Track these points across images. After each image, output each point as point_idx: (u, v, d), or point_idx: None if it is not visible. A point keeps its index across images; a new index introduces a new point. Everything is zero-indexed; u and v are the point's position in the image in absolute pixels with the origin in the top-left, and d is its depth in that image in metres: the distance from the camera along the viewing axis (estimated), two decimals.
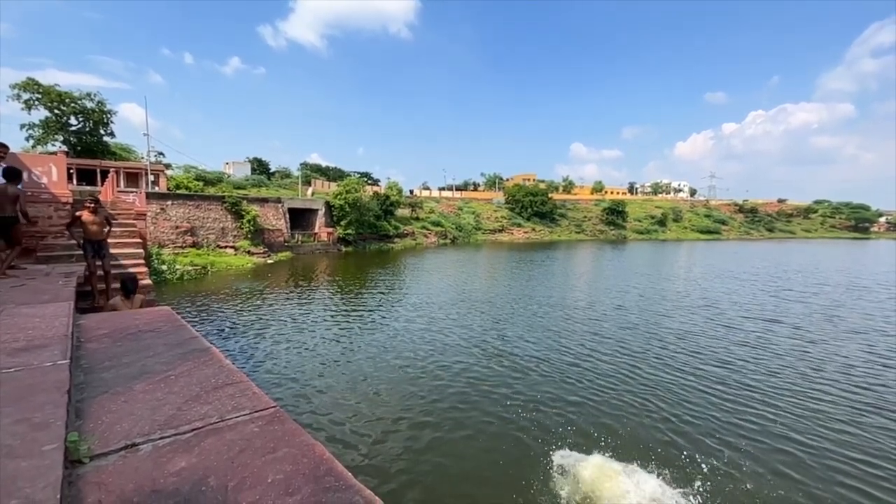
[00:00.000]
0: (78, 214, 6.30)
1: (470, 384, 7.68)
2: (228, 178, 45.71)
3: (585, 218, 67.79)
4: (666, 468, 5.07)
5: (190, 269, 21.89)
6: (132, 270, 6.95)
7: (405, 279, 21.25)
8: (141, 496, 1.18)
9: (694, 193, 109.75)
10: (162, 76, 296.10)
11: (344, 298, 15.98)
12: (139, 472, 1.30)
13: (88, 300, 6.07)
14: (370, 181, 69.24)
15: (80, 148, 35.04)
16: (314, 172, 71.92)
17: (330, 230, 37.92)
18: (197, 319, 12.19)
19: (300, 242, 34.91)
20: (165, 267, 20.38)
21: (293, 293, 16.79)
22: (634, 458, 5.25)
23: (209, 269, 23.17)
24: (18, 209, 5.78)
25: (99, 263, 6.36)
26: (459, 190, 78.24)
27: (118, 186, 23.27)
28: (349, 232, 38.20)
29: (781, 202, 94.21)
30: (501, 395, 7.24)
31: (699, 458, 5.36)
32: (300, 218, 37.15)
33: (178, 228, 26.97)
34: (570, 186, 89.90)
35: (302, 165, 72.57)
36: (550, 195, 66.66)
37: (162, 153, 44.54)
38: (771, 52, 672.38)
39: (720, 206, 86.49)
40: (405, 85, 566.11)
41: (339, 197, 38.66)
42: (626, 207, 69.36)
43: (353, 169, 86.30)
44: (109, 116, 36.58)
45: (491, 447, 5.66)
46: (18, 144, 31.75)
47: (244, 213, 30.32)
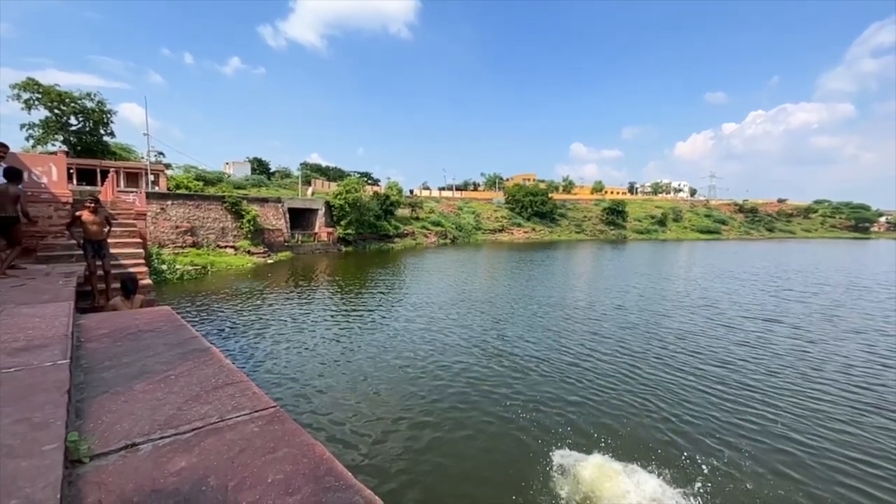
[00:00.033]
0: (78, 214, 6.30)
1: (470, 384, 7.68)
2: (228, 177, 45.70)
3: (585, 218, 67.79)
4: (666, 468, 5.07)
5: (190, 268, 21.89)
6: (132, 270, 6.95)
7: (405, 279, 21.25)
8: (141, 496, 1.18)
9: (694, 193, 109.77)
10: (162, 76, 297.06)
11: (344, 298, 15.98)
12: (139, 471, 1.30)
13: (88, 300, 6.06)
14: (370, 181, 69.21)
15: (80, 148, 35.04)
16: (314, 172, 71.95)
17: (330, 230, 37.93)
18: (197, 319, 12.19)
19: (300, 242, 34.92)
20: (165, 267, 20.39)
21: (293, 293, 16.79)
22: (634, 458, 5.26)
23: (209, 268, 23.17)
24: (19, 209, 5.78)
25: (99, 263, 6.36)
26: (459, 190, 78.25)
27: (118, 186, 23.28)
28: (349, 232, 38.22)
29: (781, 202, 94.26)
30: (501, 395, 7.24)
31: (699, 458, 5.36)
32: (300, 218, 37.15)
33: (178, 228, 26.97)
34: (570, 186, 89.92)
35: (302, 165, 72.63)
36: (550, 195, 66.66)
37: (162, 153, 44.58)
38: (771, 52, 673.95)
39: (720, 206, 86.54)
40: (405, 85, 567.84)
41: (339, 197, 38.67)
42: (626, 207, 69.41)
43: (353, 169, 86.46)
44: (109, 116, 36.59)
45: (491, 447, 5.66)
46: (18, 144, 31.82)
47: (244, 212, 30.34)
